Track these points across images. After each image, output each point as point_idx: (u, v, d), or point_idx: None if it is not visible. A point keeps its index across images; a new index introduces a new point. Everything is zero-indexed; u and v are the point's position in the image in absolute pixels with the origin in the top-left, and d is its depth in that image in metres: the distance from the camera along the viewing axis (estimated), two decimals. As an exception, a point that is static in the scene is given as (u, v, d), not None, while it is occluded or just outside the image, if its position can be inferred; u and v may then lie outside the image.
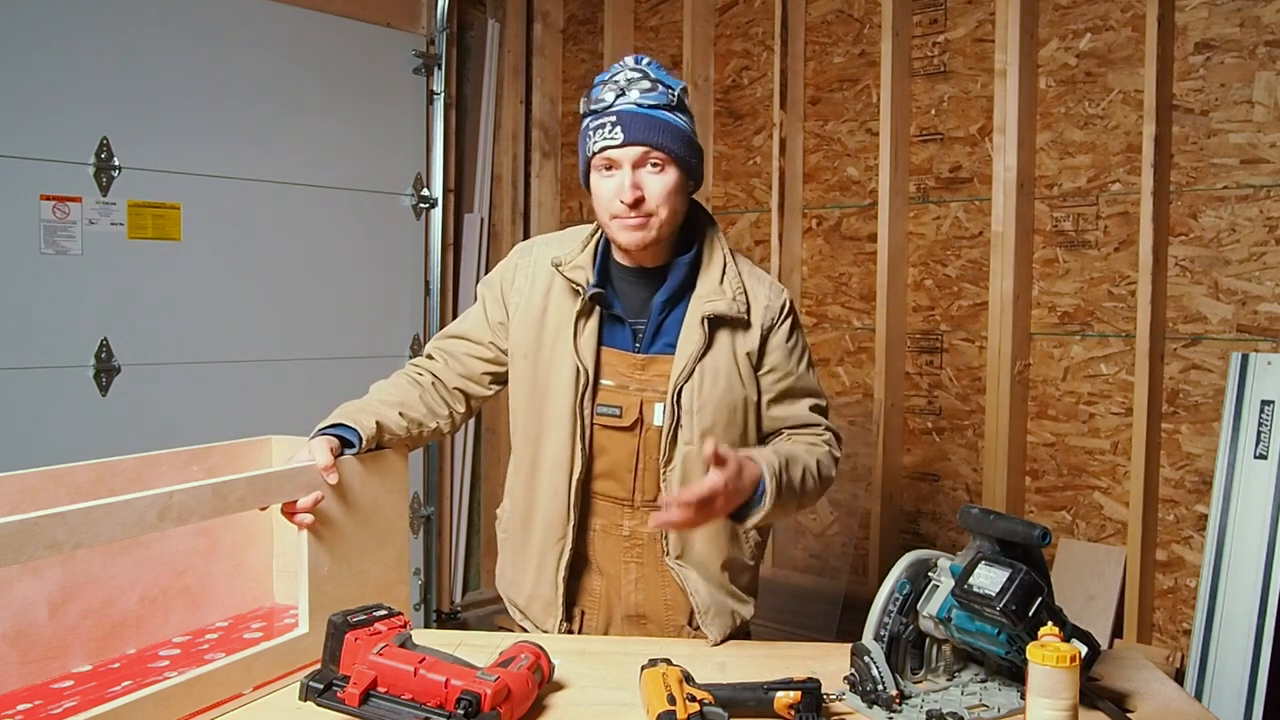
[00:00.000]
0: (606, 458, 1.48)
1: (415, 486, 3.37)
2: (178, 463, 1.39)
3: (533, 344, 1.49)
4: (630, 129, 1.37)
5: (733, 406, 1.46)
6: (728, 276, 1.48)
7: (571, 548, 1.48)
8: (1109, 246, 2.47)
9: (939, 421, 2.78)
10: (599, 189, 1.42)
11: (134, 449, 1.37)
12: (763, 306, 1.49)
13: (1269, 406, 2.16)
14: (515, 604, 1.57)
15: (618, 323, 1.48)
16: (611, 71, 1.45)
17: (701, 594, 1.48)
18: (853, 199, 2.93)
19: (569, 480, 1.46)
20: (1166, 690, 1.24)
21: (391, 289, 3.32)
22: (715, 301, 1.45)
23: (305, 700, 1.05)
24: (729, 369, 1.46)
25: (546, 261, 1.51)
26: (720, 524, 1.48)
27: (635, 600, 1.51)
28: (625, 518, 1.50)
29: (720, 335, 1.46)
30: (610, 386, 1.47)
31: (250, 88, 2.89)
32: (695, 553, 1.48)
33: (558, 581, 1.49)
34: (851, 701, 1.16)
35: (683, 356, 1.44)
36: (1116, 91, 2.45)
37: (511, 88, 3.61)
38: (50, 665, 1.21)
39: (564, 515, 1.48)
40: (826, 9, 2.97)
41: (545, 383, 1.48)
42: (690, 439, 1.44)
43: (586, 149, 1.42)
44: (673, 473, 1.45)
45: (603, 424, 1.47)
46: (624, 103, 1.39)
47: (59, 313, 2.54)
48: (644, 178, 1.39)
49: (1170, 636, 2.39)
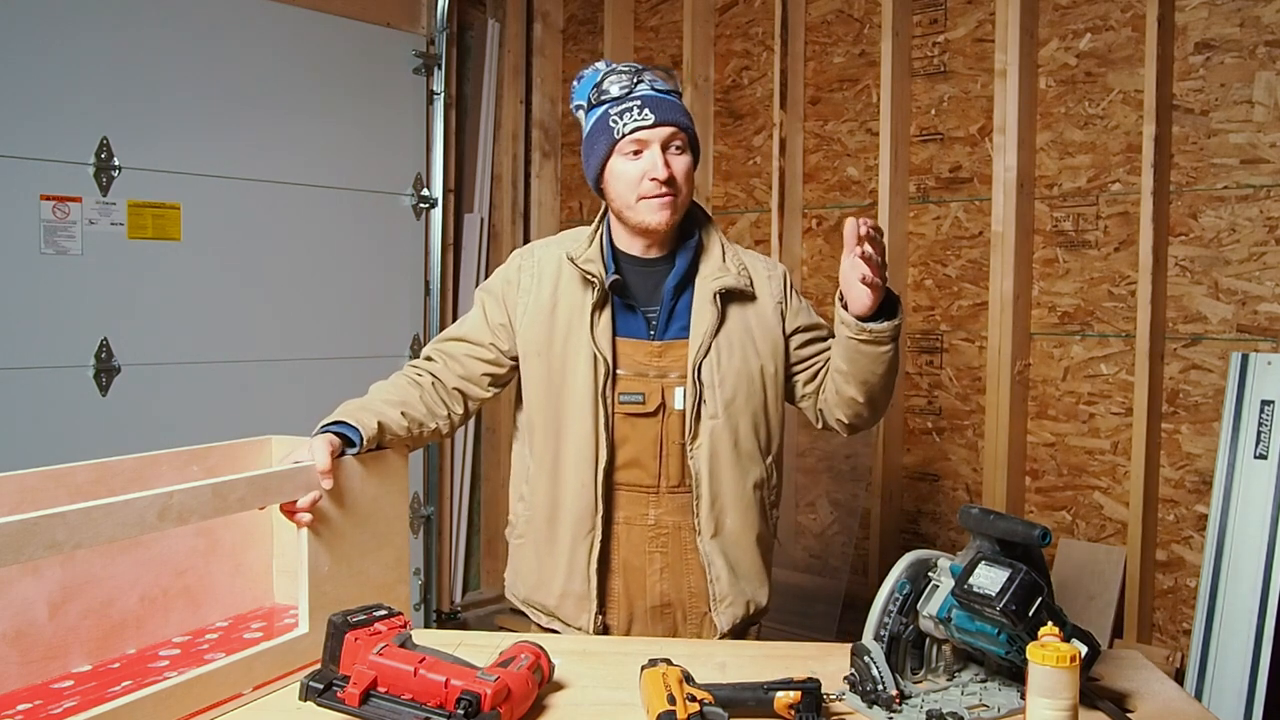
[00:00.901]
0: (630, 446, 1.50)
1: (415, 486, 3.37)
2: (178, 463, 1.39)
3: (544, 340, 1.51)
4: (658, 110, 1.45)
5: (750, 377, 1.51)
6: (728, 257, 1.55)
7: (605, 543, 1.50)
8: (1109, 246, 2.47)
9: (939, 421, 2.78)
10: (625, 171, 1.47)
11: (134, 449, 1.37)
12: (765, 278, 1.57)
13: (1269, 406, 2.16)
14: (542, 606, 1.56)
15: (630, 311, 1.51)
16: (602, 69, 1.50)
17: (722, 581, 1.50)
18: (853, 199, 2.93)
19: (594, 471, 1.48)
20: (1166, 690, 1.24)
21: (391, 289, 3.32)
22: (722, 278, 1.51)
23: (305, 700, 1.05)
24: (743, 341, 1.51)
25: (550, 260, 1.54)
26: (750, 498, 1.52)
27: (660, 590, 1.53)
28: (650, 506, 1.51)
29: (731, 310, 1.52)
30: (627, 375, 1.50)
31: (250, 88, 2.89)
32: (727, 530, 1.51)
33: (589, 575, 1.50)
34: (851, 701, 1.16)
35: (698, 334, 1.49)
36: (1116, 91, 2.45)
37: (511, 88, 3.61)
38: (50, 665, 1.21)
39: (592, 507, 1.49)
40: (826, 9, 2.97)
41: (561, 377, 1.50)
42: (715, 413, 1.48)
43: (613, 134, 1.46)
44: (700, 450, 1.48)
45: (625, 412, 1.49)
46: (644, 89, 1.46)
47: (59, 313, 2.55)
48: (671, 158, 1.46)
49: (1170, 636, 2.39)
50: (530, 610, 1.60)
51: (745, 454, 1.51)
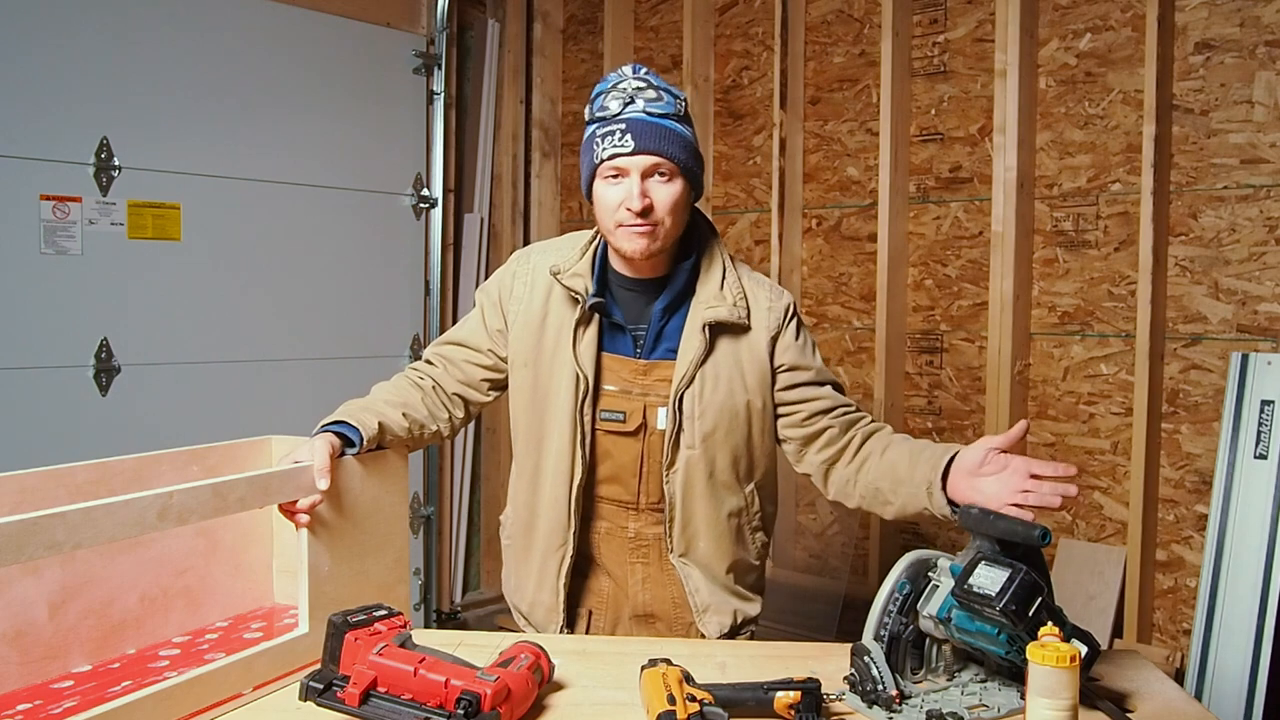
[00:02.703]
0: (610, 462, 1.49)
1: (415, 486, 3.37)
2: (178, 463, 1.39)
3: (533, 352, 1.50)
4: (641, 137, 1.37)
5: (734, 412, 1.47)
6: (728, 283, 1.48)
7: (575, 551, 1.49)
8: (1109, 246, 2.47)
9: (939, 421, 2.78)
10: (604, 196, 1.42)
11: (134, 449, 1.37)
12: (764, 309, 1.49)
13: (1269, 406, 2.16)
14: (519, 610, 1.58)
15: (618, 330, 1.48)
16: (612, 80, 1.44)
17: (702, 592, 1.49)
18: (853, 199, 2.93)
19: (569, 487, 1.47)
20: (1166, 690, 1.24)
21: (391, 289, 3.32)
22: (716, 308, 1.46)
23: (305, 700, 1.05)
24: (730, 375, 1.46)
25: (544, 269, 1.51)
26: (724, 525, 1.49)
27: (643, 600, 1.52)
28: (630, 520, 1.51)
29: (721, 341, 1.46)
30: (613, 392, 1.47)
31: (250, 88, 2.89)
32: (699, 552, 1.49)
33: (559, 587, 1.49)
34: (851, 701, 1.16)
35: (684, 362, 1.45)
36: (1116, 91, 2.45)
37: (511, 88, 3.61)
38: (50, 665, 1.21)
39: (565, 522, 1.48)
40: (826, 9, 2.97)
41: (545, 390, 1.48)
42: (692, 443, 1.45)
43: (594, 156, 1.41)
44: (675, 475, 1.46)
45: (606, 429, 1.48)
46: (633, 111, 1.39)
47: (59, 313, 2.54)
48: (652, 186, 1.39)
49: (1170, 636, 2.39)
50: (513, 610, 1.61)
51: (721, 484, 1.48)
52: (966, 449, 1.34)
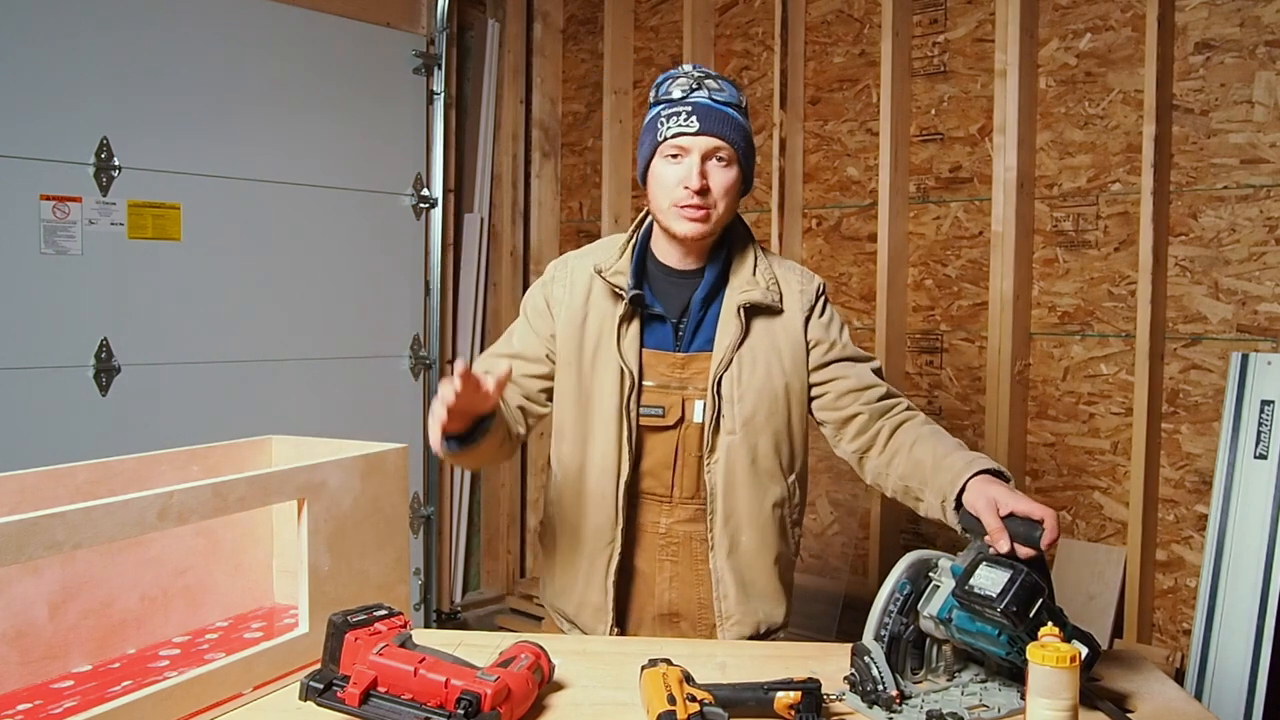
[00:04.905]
0: (650, 457, 1.50)
1: (415, 486, 3.37)
2: (178, 463, 1.39)
3: (575, 352, 1.51)
4: (705, 120, 1.42)
5: (773, 394, 1.48)
6: (759, 269, 1.52)
7: (621, 552, 1.49)
8: (1109, 246, 2.47)
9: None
10: (663, 174, 1.45)
11: (134, 449, 1.37)
12: (796, 292, 1.52)
13: (1269, 406, 2.16)
14: (564, 612, 1.56)
15: (659, 322, 1.50)
16: (678, 71, 1.49)
17: (729, 599, 1.48)
18: (853, 199, 2.93)
19: (616, 483, 1.47)
20: (1166, 690, 1.24)
21: (391, 289, 3.32)
22: (749, 291, 1.48)
23: (305, 700, 1.05)
24: (767, 357, 1.48)
25: (582, 272, 1.53)
26: (768, 516, 1.49)
27: (669, 599, 1.52)
28: (662, 515, 1.51)
29: (757, 324, 1.49)
30: (652, 387, 1.49)
31: (250, 88, 2.89)
32: (742, 549, 1.49)
33: (607, 586, 1.49)
34: (851, 701, 1.16)
35: (721, 347, 1.47)
36: (1116, 91, 2.45)
37: (511, 88, 3.61)
38: (50, 665, 1.20)
39: (612, 519, 1.48)
40: (826, 9, 2.97)
41: (589, 389, 1.49)
42: (732, 428, 1.46)
43: (656, 135, 1.45)
44: (716, 465, 1.47)
45: (647, 424, 1.49)
46: (699, 96, 1.44)
47: (59, 313, 2.54)
48: (711, 169, 1.43)
49: (1170, 636, 2.39)
50: (553, 614, 1.60)
51: (764, 471, 1.48)
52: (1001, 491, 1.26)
